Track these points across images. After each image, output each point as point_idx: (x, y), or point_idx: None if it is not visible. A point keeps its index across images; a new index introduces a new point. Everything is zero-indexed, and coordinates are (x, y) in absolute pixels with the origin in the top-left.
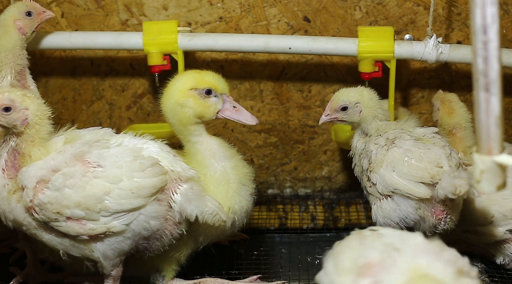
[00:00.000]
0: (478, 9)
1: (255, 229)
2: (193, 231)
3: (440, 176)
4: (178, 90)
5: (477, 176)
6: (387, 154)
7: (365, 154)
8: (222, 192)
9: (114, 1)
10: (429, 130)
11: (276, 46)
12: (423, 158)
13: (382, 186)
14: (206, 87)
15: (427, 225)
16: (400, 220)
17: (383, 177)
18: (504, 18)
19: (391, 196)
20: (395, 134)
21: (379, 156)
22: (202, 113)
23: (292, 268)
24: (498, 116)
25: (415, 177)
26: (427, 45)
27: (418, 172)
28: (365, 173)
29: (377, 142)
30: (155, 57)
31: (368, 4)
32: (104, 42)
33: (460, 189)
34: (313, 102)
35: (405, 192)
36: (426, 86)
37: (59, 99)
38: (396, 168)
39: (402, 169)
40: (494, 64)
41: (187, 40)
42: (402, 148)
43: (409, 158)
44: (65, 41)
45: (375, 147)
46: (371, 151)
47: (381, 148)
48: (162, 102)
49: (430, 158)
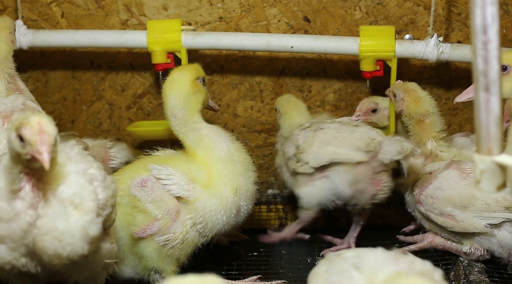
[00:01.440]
0: (478, 9)
1: (255, 229)
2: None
3: (375, 144)
4: (189, 80)
5: (477, 175)
6: (315, 135)
7: (290, 143)
8: (229, 172)
9: (114, 1)
10: (345, 119)
11: (279, 45)
12: (355, 131)
13: (316, 161)
14: (202, 76)
15: (366, 197)
16: (335, 197)
17: (317, 153)
18: (504, 18)
19: (326, 173)
20: (317, 122)
21: (309, 138)
22: (204, 99)
23: (292, 268)
24: (498, 116)
25: (351, 146)
26: (428, 44)
27: (354, 142)
28: (292, 158)
29: (301, 128)
30: (159, 56)
31: (368, 4)
32: (108, 41)
33: (407, 147)
34: (313, 102)
35: (344, 159)
36: (426, 85)
37: (59, 99)
38: (330, 143)
39: (337, 142)
40: (494, 64)
41: (191, 38)
42: (330, 128)
43: (341, 133)
44: (70, 39)
45: (301, 132)
46: (297, 136)
47: (307, 132)
48: (170, 96)
49: (361, 131)
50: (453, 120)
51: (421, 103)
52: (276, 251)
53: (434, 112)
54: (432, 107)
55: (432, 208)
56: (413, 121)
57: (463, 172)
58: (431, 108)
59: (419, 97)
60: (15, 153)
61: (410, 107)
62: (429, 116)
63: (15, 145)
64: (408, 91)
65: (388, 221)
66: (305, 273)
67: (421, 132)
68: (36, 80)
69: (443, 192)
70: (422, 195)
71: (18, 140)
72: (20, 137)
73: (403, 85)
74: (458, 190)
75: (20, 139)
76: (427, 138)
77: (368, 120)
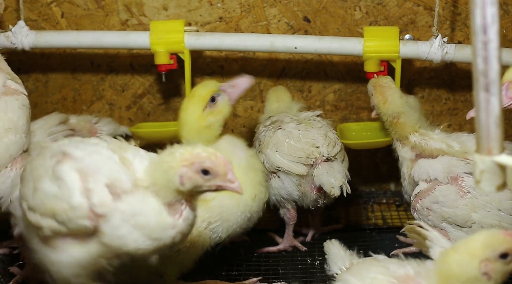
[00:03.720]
0: (478, 9)
1: (255, 229)
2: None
3: (316, 156)
4: (196, 118)
5: (477, 176)
6: (273, 136)
7: (257, 137)
8: (249, 179)
9: (114, 1)
10: (310, 114)
11: (282, 45)
12: (301, 139)
13: (269, 164)
14: (209, 97)
15: (309, 200)
16: (287, 196)
17: (269, 157)
18: (504, 18)
19: (277, 173)
20: (279, 117)
21: (267, 138)
22: (224, 117)
23: (292, 269)
24: (498, 116)
25: (293, 157)
26: (433, 45)
27: (297, 152)
28: (257, 153)
29: (265, 125)
30: (162, 56)
31: (368, 4)
32: (111, 41)
33: (334, 192)
34: (313, 102)
35: (286, 169)
36: (426, 86)
37: (59, 99)
38: (278, 148)
39: (283, 150)
40: (494, 64)
41: (194, 39)
42: (285, 130)
43: (291, 138)
44: (73, 40)
45: (264, 129)
46: (260, 133)
47: (268, 131)
48: (185, 133)
49: (306, 140)
50: (453, 120)
51: (389, 103)
52: (276, 252)
53: (404, 111)
54: (401, 108)
55: (427, 219)
56: (387, 120)
57: (461, 189)
58: (402, 108)
59: (386, 98)
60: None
61: (379, 106)
62: (401, 116)
63: (198, 179)
64: (376, 88)
65: (388, 221)
66: (305, 274)
67: (399, 130)
68: (36, 80)
69: (439, 207)
70: (418, 204)
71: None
72: (204, 171)
73: (374, 80)
74: (454, 209)
75: (203, 173)
76: (405, 134)
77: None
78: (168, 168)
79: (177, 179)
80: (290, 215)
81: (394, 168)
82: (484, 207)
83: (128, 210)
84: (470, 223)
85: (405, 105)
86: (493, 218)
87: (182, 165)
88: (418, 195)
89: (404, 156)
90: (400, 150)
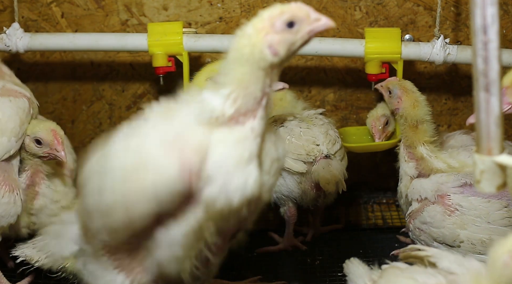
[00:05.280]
0: (478, 9)
1: (255, 229)
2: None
3: (315, 153)
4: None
5: (477, 176)
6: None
7: None
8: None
9: (114, 1)
10: (313, 112)
11: None
12: (301, 136)
13: None
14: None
15: (309, 199)
16: (288, 193)
17: None
18: (504, 18)
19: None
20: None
21: None
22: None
23: (292, 269)
24: (498, 116)
25: (293, 154)
26: (435, 46)
27: (297, 149)
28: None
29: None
30: (160, 59)
31: (368, 4)
32: (108, 44)
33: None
34: (313, 102)
35: (287, 167)
36: (426, 87)
37: (59, 99)
38: None
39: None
40: (494, 64)
41: (193, 41)
42: (287, 128)
43: (292, 135)
44: (68, 43)
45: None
46: None
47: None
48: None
49: (307, 137)
50: (453, 121)
51: (419, 108)
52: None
53: (428, 120)
54: (427, 115)
55: (419, 239)
56: (406, 124)
57: (448, 208)
58: (426, 116)
59: (418, 102)
60: None
61: (407, 109)
62: (423, 123)
63: (287, 37)
64: (407, 92)
65: (388, 221)
66: (305, 274)
67: (413, 136)
68: (36, 80)
69: (428, 228)
70: (410, 224)
71: None
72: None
73: (401, 83)
74: (442, 229)
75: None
76: (418, 142)
77: (388, 134)
78: (252, 46)
79: (267, 51)
80: (291, 214)
81: (394, 168)
82: (473, 222)
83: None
84: (458, 242)
85: (429, 113)
86: (483, 232)
87: (264, 34)
88: (411, 215)
89: (406, 171)
90: (403, 163)
